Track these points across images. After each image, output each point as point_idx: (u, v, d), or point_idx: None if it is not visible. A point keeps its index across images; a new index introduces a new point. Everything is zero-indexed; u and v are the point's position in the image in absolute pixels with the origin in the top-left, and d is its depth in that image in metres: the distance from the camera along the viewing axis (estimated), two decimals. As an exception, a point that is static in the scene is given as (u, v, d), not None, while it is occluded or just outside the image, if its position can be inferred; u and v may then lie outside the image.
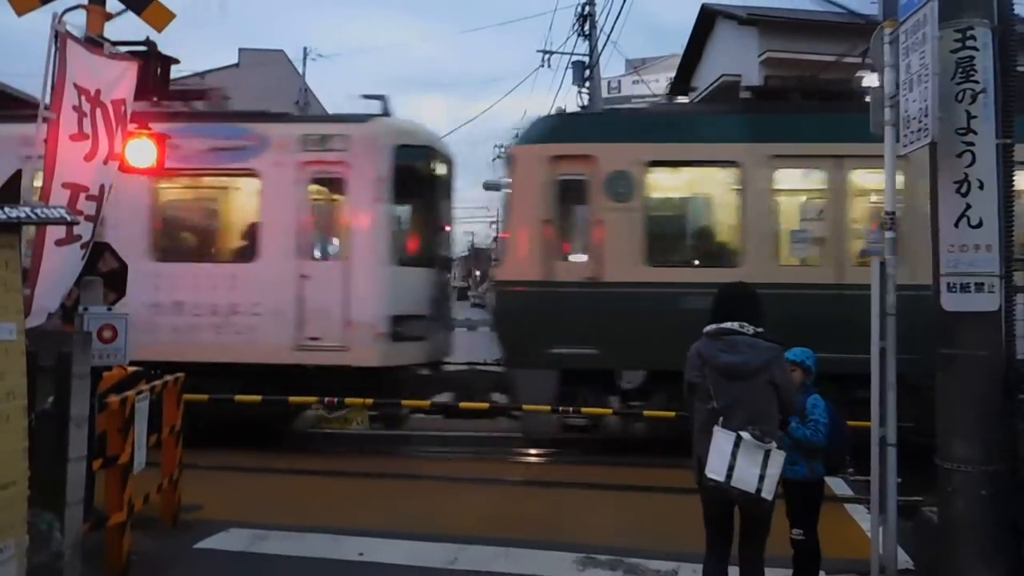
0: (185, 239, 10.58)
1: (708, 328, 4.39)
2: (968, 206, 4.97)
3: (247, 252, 9.80)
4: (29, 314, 4.56)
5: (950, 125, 4.96)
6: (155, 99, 6.69)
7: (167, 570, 5.64)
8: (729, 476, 4.03)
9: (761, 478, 4.02)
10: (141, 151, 6.22)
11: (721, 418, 4.14)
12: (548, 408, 8.89)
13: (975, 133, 4.97)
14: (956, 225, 5.02)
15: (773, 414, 4.22)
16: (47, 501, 4.42)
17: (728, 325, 4.30)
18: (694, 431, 4.38)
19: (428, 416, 10.06)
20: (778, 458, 4.07)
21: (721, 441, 4.09)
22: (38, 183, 5.14)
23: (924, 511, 5.49)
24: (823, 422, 4.75)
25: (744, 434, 4.05)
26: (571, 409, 8.97)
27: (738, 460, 4.03)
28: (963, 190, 4.99)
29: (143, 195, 9.53)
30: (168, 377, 6.49)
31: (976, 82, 4.98)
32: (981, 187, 4.94)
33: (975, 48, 5.00)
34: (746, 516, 4.29)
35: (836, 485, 7.55)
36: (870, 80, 9.11)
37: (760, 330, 4.30)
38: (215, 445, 8.45)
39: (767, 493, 4.04)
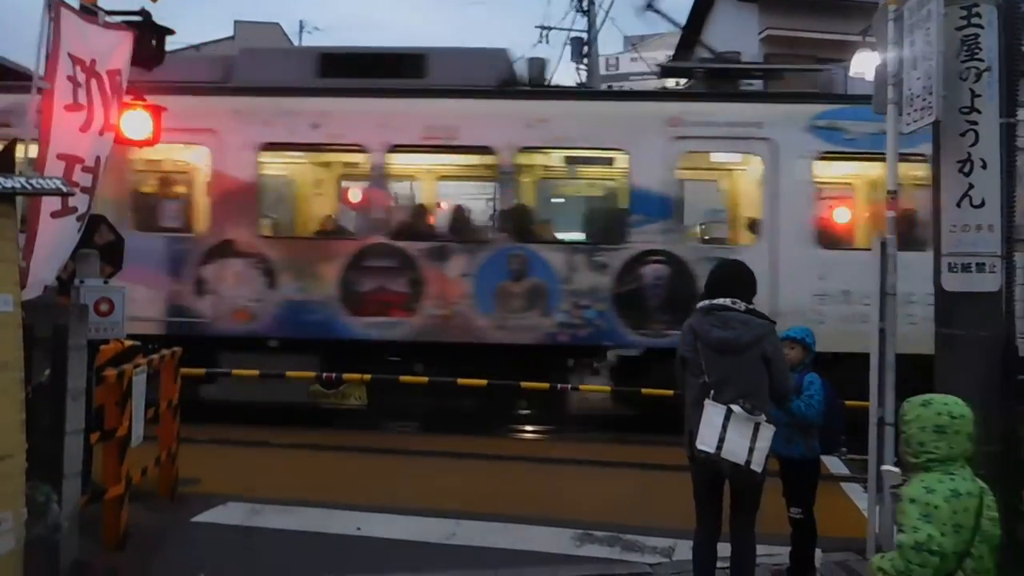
0: (853, 226, 10.31)
1: (701, 304, 4.44)
2: (971, 186, 4.94)
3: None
4: (25, 286, 4.53)
5: (954, 104, 4.93)
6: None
7: (165, 543, 5.65)
8: (719, 448, 4.10)
9: (751, 450, 4.09)
10: (135, 123, 6.17)
11: (712, 392, 4.20)
12: (547, 385, 8.89)
13: (979, 112, 4.93)
14: (958, 205, 4.99)
15: (764, 389, 4.26)
16: (45, 474, 4.42)
17: (720, 301, 4.35)
18: (686, 406, 4.43)
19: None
20: (767, 431, 4.12)
21: (712, 414, 4.15)
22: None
23: (920, 490, 5.50)
24: (817, 398, 4.78)
25: (734, 407, 4.11)
26: (569, 387, 8.99)
27: (728, 432, 4.10)
28: (966, 169, 4.96)
29: (806, 181, 9.30)
30: (165, 351, 6.47)
31: (981, 60, 4.93)
32: (984, 167, 4.92)
33: (980, 26, 4.95)
34: (736, 489, 4.35)
35: (832, 464, 7.58)
36: (864, 59, 9.06)
37: (752, 306, 4.32)
38: (212, 419, 8.45)
39: (756, 465, 4.10)
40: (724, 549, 4.43)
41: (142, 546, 5.50)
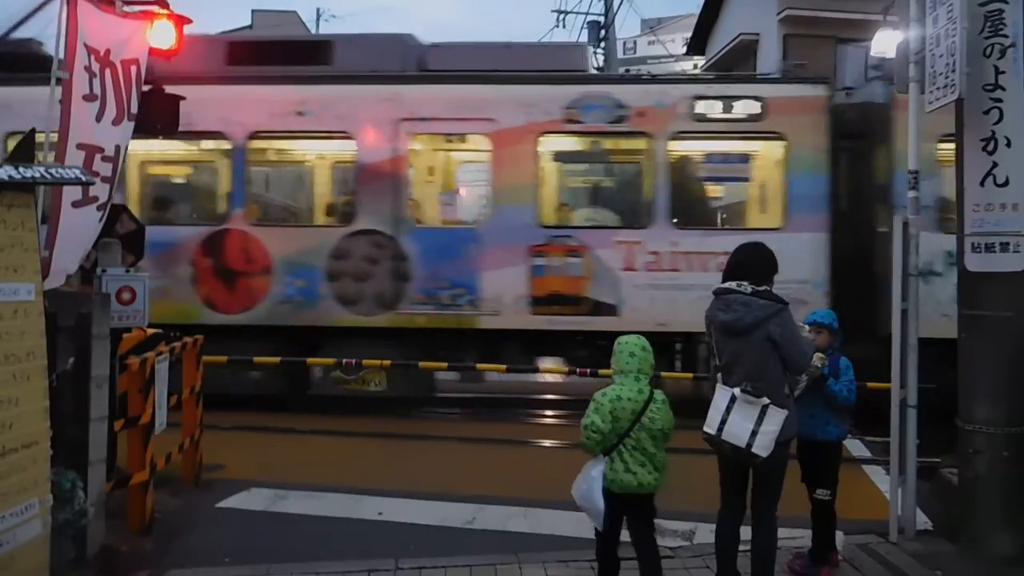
0: None
1: (715, 287, 4.44)
2: (995, 164, 4.87)
3: None
4: (47, 276, 4.58)
5: (977, 81, 4.85)
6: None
7: (190, 528, 5.71)
8: (720, 430, 4.12)
9: (754, 433, 4.06)
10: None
11: (721, 374, 4.24)
12: (566, 370, 8.88)
13: (1003, 89, 4.86)
14: (982, 184, 4.93)
15: (773, 371, 4.20)
16: (70, 460, 4.48)
17: (727, 284, 4.33)
18: (709, 388, 4.44)
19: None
20: (776, 415, 4.08)
21: (719, 397, 4.19)
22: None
23: (943, 472, 5.46)
24: (854, 382, 4.76)
25: (737, 390, 4.12)
26: (588, 371, 8.97)
27: (731, 415, 4.11)
28: (989, 148, 4.89)
29: None
30: (187, 339, 6.52)
31: (1005, 36, 4.85)
32: (1008, 144, 4.84)
33: (1004, 1, 4.87)
34: (758, 473, 4.32)
35: (853, 447, 7.54)
36: (886, 37, 8.91)
37: (762, 288, 4.28)
38: (235, 406, 8.52)
39: (760, 448, 4.06)
40: (747, 532, 4.41)
41: (168, 531, 5.57)
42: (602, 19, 22.07)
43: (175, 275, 9.29)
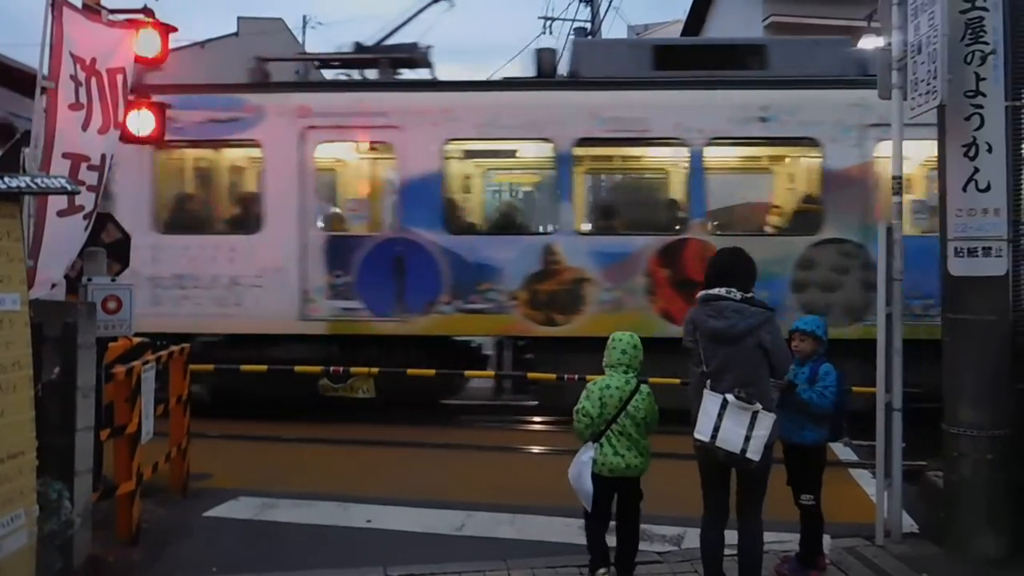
0: None
1: (699, 294, 4.44)
2: (976, 170, 4.93)
3: None
4: (32, 285, 4.55)
5: (959, 87, 4.91)
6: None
7: (177, 538, 5.69)
8: (714, 436, 4.13)
9: (747, 439, 4.09)
10: (141, 121, 6.17)
11: (709, 381, 4.23)
12: (553, 376, 8.88)
13: (984, 95, 4.92)
14: (964, 189, 4.99)
15: (762, 377, 4.25)
16: (56, 471, 4.46)
17: (715, 291, 4.34)
18: (691, 395, 4.43)
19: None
20: (766, 420, 4.12)
21: (708, 404, 4.18)
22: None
23: (929, 475, 5.50)
24: (831, 389, 4.76)
25: (729, 396, 4.13)
26: (576, 377, 8.96)
27: (724, 422, 4.12)
28: (971, 153, 4.95)
29: None
30: (174, 347, 6.50)
31: (986, 43, 4.91)
32: (990, 150, 4.90)
33: (985, 8, 4.93)
34: (741, 477, 4.34)
35: (840, 450, 7.57)
36: (870, 44, 8.95)
37: (749, 295, 4.31)
38: (222, 415, 8.49)
39: (752, 453, 4.10)
40: (733, 536, 4.44)
41: (155, 541, 5.55)
42: (588, 25, 22.19)
43: (629, 287, 9.12)
